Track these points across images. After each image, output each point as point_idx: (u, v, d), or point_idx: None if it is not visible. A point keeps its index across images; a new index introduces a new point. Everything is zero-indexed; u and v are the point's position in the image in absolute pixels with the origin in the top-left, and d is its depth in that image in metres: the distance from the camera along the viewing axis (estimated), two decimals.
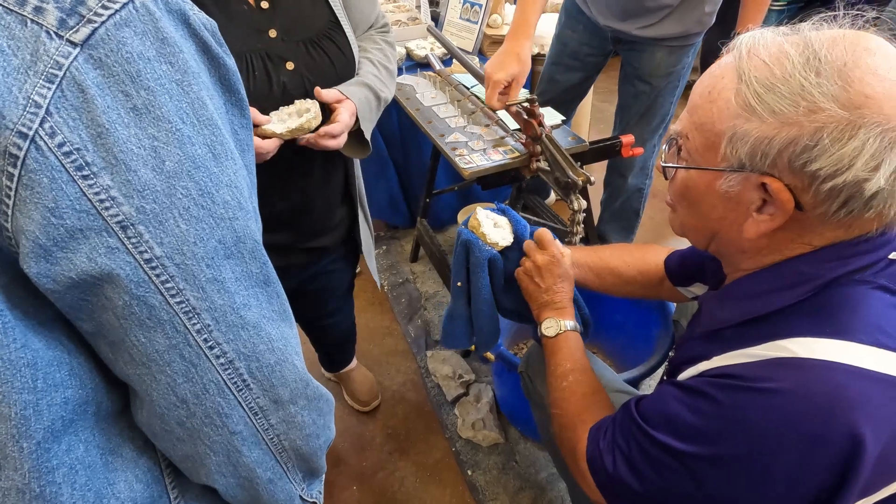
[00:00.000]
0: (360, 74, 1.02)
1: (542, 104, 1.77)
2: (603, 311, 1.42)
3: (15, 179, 0.32)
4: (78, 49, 0.32)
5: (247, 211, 0.40)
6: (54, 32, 0.32)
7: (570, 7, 1.68)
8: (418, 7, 2.24)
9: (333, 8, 0.97)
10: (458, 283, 0.98)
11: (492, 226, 0.95)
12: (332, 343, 1.50)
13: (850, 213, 0.54)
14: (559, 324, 0.88)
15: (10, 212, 0.32)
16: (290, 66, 0.91)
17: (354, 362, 1.63)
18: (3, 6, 0.31)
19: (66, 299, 0.35)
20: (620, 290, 1.02)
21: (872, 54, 0.53)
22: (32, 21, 0.32)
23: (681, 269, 0.93)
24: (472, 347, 1.06)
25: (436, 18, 2.21)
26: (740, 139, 0.56)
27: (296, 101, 0.90)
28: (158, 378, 0.39)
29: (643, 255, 1.00)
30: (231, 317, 0.39)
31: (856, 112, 0.51)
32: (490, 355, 1.47)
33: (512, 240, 0.96)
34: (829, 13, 0.57)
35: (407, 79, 1.77)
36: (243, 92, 0.42)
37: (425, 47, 1.95)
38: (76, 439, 0.39)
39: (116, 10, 0.33)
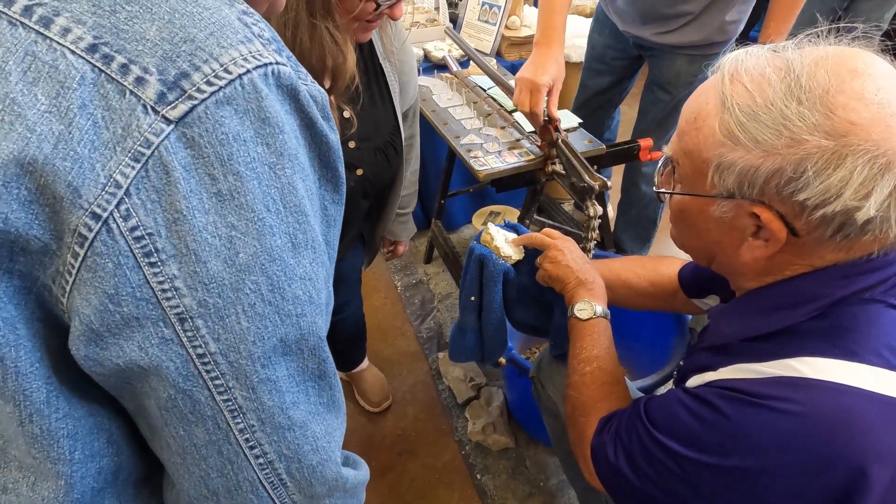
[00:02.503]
0: (408, 199, 1.26)
1: (576, 109, 1.76)
2: (618, 318, 1.39)
3: (79, 259, 0.30)
4: (172, 126, 0.30)
5: (317, 305, 0.37)
6: (151, 107, 0.30)
7: (599, 11, 1.67)
8: (437, 9, 2.24)
9: (397, 113, 1.01)
10: (472, 298, 0.98)
11: (503, 240, 0.96)
12: (342, 340, 1.50)
13: (846, 237, 0.53)
14: (593, 307, 0.86)
15: (68, 289, 0.31)
16: (359, 172, 0.96)
17: (366, 362, 1.64)
18: (106, 73, 0.30)
19: (108, 381, 0.34)
20: (633, 302, 1.01)
21: (858, 76, 0.50)
22: (131, 92, 0.30)
23: (694, 280, 0.92)
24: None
25: (454, 20, 2.21)
26: (727, 168, 0.55)
27: None
28: (192, 470, 0.37)
29: (656, 266, 0.99)
30: (279, 418, 0.37)
31: (841, 140, 0.49)
32: (501, 359, 1.46)
33: (524, 254, 0.96)
34: (814, 29, 0.55)
35: (424, 80, 1.77)
36: (341, 169, 0.40)
37: (443, 49, 1.95)
38: None
39: (221, 87, 0.31)
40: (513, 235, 0.98)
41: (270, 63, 0.33)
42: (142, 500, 0.41)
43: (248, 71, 0.31)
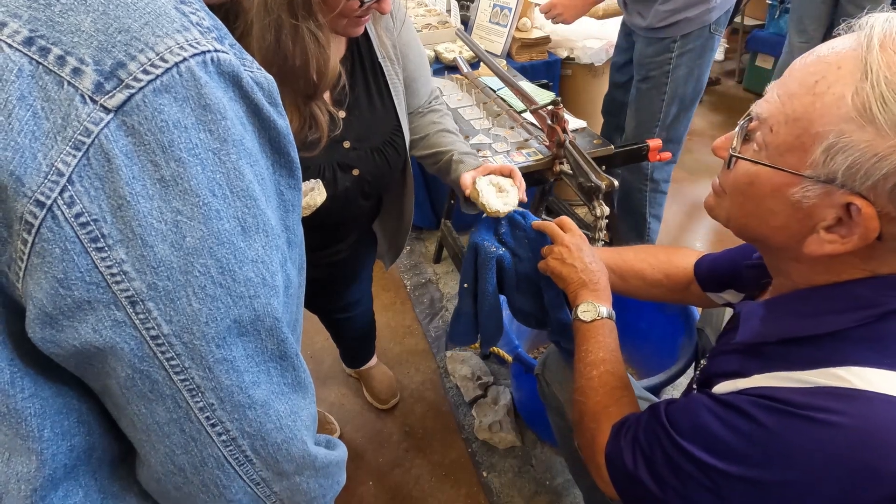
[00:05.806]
0: (456, 145, 1.06)
1: (609, 89, 1.86)
2: (627, 317, 1.40)
3: (28, 245, 0.31)
4: (111, 115, 0.30)
5: (271, 287, 0.38)
6: (89, 97, 0.30)
7: None
8: (448, 11, 2.26)
9: (398, 112, 0.99)
10: (465, 285, 1.00)
11: (493, 193, 0.94)
12: (352, 337, 1.52)
13: None
14: (597, 309, 0.82)
15: (21, 274, 0.32)
16: (355, 172, 0.95)
17: (375, 360, 1.65)
18: (43, 65, 0.30)
19: (69, 363, 0.35)
20: (645, 293, 0.98)
21: None
22: (69, 83, 0.30)
23: (712, 274, 0.88)
24: (477, 345, 1.08)
25: (465, 22, 2.23)
26: (843, 149, 0.47)
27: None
28: (157, 447, 0.38)
29: (670, 257, 0.95)
30: (238, 397, 0.38)
31: None
32: (508, 357, 1.47)
33: (516, 203, 0.95)
34: None
35: (434, 81, 1.78)
36: (293, 154, 0.41)
37: (454, 50, 1.97)
38: (75, 484, 0.38)
39: (158, 76, 0.31)
40: (507, 182, 0.96)
41: (209, 51, 0.33)
42: (118, 478, 0.42)
43: (185, 59, 0.32)
